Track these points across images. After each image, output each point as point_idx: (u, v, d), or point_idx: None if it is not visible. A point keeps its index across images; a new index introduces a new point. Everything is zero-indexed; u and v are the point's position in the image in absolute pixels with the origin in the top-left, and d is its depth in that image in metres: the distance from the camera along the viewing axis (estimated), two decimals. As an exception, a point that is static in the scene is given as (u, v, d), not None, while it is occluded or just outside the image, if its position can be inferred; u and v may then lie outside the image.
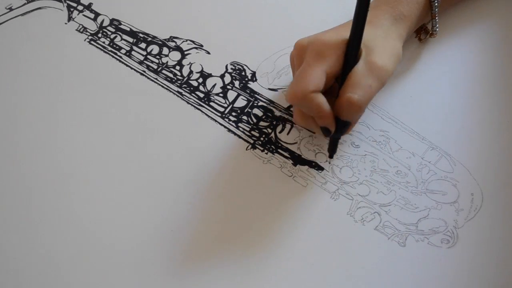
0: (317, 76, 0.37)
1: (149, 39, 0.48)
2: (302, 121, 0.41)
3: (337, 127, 0.39)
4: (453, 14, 0.49)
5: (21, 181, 0.42)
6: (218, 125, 0.45)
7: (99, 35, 0.49)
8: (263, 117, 0.45)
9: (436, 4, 0.44)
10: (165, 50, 0.48)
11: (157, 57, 0.48)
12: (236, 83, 0.47)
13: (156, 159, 0.43)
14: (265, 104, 0.46)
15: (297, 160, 0.44)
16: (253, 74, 0.47)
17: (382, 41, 0.40)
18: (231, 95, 0.46)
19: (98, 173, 0.43)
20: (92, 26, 0.49)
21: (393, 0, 0.43)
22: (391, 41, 0.41)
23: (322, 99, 0.37)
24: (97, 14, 0.49)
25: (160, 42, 0.48)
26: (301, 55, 0.40)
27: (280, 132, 0.45)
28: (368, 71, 0.38)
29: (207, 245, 0.40)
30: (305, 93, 0.37)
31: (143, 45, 0.48)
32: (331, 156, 0.43)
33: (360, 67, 0.38)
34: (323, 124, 0.39)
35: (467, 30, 0.49)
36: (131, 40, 0.48)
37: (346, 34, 0.38)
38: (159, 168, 0.43)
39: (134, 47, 0.48)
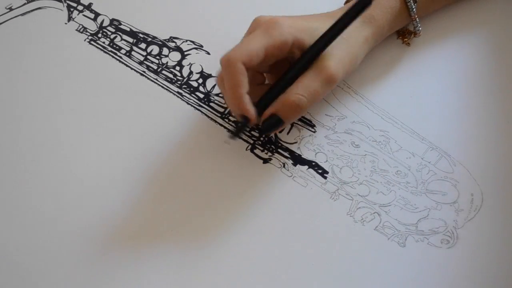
0: (255, 47, 0.37)
1: (149, 39, 0.48)
2: (219, 84, 0.40)
3: (268, 123, 0.38)
4: (446, 15, 0.49)
5: (20, 180, 0.42)
6: (218, 125, 0.45)
7: (99, 35, 0.49)
8: None
9: (414, 6, 0.44)
10: (165, 51, 0.48)
11: (157, 57, 0.48)
12: (236, 83, 0.46)
13: (156, 159, 0.43)
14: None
15: (297, 160, 0.44)
16: (253, 74, 0.47)
17: (342, 43, 0.40)
18: (231, 95, 0.46)
19: (97, 172, 0.43)
20: (92, 26, 0.49)
21: None
22: (352, 44, 0.40)
23: (242, 73, 0.36)
24: (97, 14, 0.49)
25: (160, 43, 0.48)
26: (253, 27, 0.40)
27: (280, 132, 0.45)
28: (317, 75, 0.38)
29: (206, 244, 0.40)
30: (233, 59, 0.36)
31: (143, 45, 0.48)
32: (232, 137, 0.40)
33: (311, 70, 0.38)
34: (227, 103, 0.38)
35: (463, 31, 0.49)
36: (131, 40, 0.48)
37: (308, 24, 0.38)
38: (159, 168, 0.43)
39: (134, 47, 0.48)
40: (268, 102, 0.39)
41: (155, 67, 0.47)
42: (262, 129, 0.39)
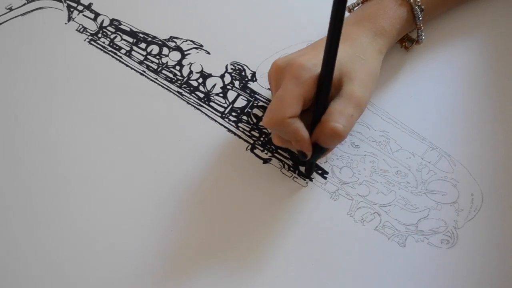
0: (294, 102, 0.37)
1: (149, 39, 0.48)
2: (280, 143, 0.40)
3: (314, 152, 0.39)
4: (445, 17, 0.49)
5: (20, 180, 0.42)
6: (218, 125, 0.45)
7: (99, 35, 0.49)
8: (263, 117, 0.45)
9: (421, 15, 0.44)
10: (165, 50, 0.48)
11: (157, 57, 0.48)
12: (236, 83, 0.47)
13: (156, 159, 0.43)
14: (265, 104, 0.46)
15: (297, 160, 0.44)
16: (253, 74, 0.47)
17: (361, 64, 0.40)
18: (231, 95, 0.46)
19: (98, 173, 0.43)
20: (92, 26, 0.49)
21: (374, 14, 0.43)
22: (370, 62, 0.41)
23: (298, 125, 0.37)
24: (97, 14, 0.49)
25: (160, 42, 0.48)
26: (278, 77, 0.39)
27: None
28: (348, 101, 0.38)
29: (206, 245, 0.40)
30: (282, 120, 0.37)
31: (143, 45, 0.48)
32: (308, 177, 0.43)
33: (341, 97, 0.38)
34: (300, 148, 0.39)
35: (462, 33, 0.49)
36: (131, 40, 0.48)
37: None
38: (159, 168, 0.43)
39: (134, 47, 0.48)
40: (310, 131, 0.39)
41: (155, 67, 0.47)
42: (310, 158, 0.39)
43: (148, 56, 0.48)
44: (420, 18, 0.44)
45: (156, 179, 0.42)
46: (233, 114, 0.45)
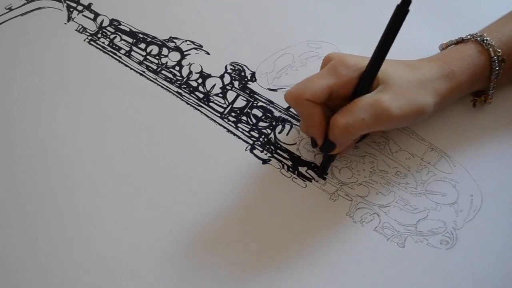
0: (319, 87, 0.37)
1: (149, 39, 0.48)
2: (303, 128, 0.41)
3: (323, 144, 0.40)
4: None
5: (20, 181, 0.42)
6: (218, 125, 0.45)
7: (99, 35, 0.49)
8: (263, 117, 0.45)
9: (497, 67, 0.41)
10: (165, 51, 0.48)
11: (157, 57, 0.48)
12: (236, 83, 0.47)
13: (155, 160, 0.43)
14: (264, 105, 0.46)
15: (297, 161, 0.44)
16: (253, 74, 0.47)
17: (409, 86, 0.38)
18: (231, 95, 0.46)
19: (97, 173, 0.43)
20: (92, 26, 0.49)
21: (449, 57, 0.41)
22: (420, 91, 0.39)
23: (315, 110, 0.38)
24: (96, 14, 0.49)
25: (159, 43, 0.48)
26: (323, 65, 0.40)
27: (279, 133, 0.45)
28: (369, 106, 0.37)
29: (205, 245, 0.40)
30: (300, 98, 0.38)
31: (142, 45, 0.48)
32: (320, 176, 0.43)
33: (365, 98, 0.37)
34: (310, 133, 0.40)
35: None
36: (130, 40, 0.48)
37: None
38: (158, 168, 0.43)
39: (134, 48, 0.48)
40: None
41: (155, 67, 0.47)
42: (320, 149, 0.41)
43: (148, 57, 0.48)
44: (497, 70, 0.41)
45: (155, 179, 0.42)
46: (233, 114, 0.45)
